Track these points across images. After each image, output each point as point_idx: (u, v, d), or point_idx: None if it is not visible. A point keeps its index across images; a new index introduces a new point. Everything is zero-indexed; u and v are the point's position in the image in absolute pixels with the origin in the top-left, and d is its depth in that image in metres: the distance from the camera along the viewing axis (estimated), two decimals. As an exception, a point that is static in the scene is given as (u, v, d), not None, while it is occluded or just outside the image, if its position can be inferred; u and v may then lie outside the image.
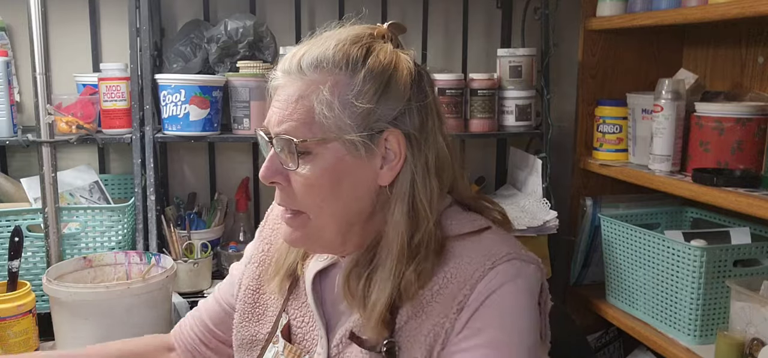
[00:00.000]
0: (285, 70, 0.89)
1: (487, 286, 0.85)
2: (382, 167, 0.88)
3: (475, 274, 0.85)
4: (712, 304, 1.53)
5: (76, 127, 1.68)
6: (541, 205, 1.85)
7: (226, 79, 1.76)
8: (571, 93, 2.04)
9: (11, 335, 1.41)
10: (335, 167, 0.87)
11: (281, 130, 0.87)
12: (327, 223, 0.89)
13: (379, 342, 0.88)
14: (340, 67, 0.87)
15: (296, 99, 0.87)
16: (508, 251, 0.88)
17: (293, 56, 0.89)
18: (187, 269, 1.74)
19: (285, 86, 0.89)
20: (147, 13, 1.69)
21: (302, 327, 1.00)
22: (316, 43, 0.90)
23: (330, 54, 0.87)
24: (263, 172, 0.89)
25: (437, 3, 2.07)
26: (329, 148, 0.86)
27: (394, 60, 0.90)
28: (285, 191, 0.90)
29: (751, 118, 1.52)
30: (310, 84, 0.86)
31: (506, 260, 0.86)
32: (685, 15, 1.57)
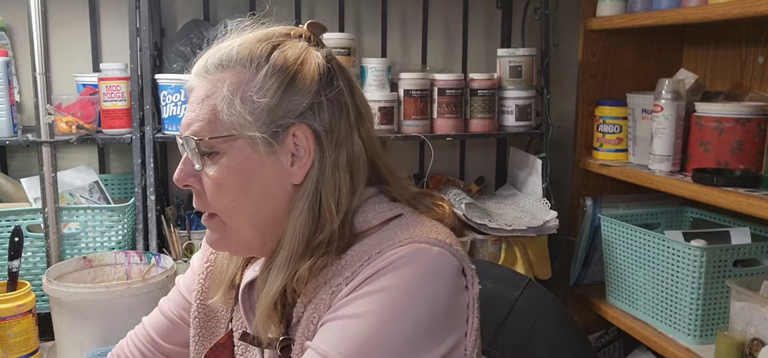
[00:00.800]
0: (195, 73, 0.89)
1: (371, 267, 0.81)
2: (292, 165, 0.86)
3: (362, 258, 0.83)
4: (712, 304, 1.53)
5: (76, 127, 1.68)
6: (541, 205, 1.86)
7: (226, 79, 1.76)
8: (571, 93, 2.04)
9: (11, 335, 1.41)
10: (243, 166, 0.85)
11: (189, 131, 0.86)
12: (241, 223, 0.88)
13: (275, 340, 0.88)
14: (244, 65, 0.86)
15: (202, 99, 0.86)
16: (408, 236, 0.84)
17: (201, 59, 0.89)
18: (187, 269, 1.74)
19: (194, 88, 0.89)
20: (147, 13, 1.69)
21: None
22: (224, 43, 0.90)
23: (234, 52, 0.87)
24: (176, 175, 0.89)
25: (437, 3, 2.07)
26: (235, 147, 0.85)
27: (302, 56, 0.88)
28: (198, 194, 0.89)
29: (751, 118, 1.52)
30: (214, 83, 0.86)
31: (398, 244, 0.83)
32: (685, 15, 1.57)
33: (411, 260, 0.81)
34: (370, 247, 0.84)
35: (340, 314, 0.80)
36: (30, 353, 1.43)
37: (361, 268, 0.82)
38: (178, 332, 1.08)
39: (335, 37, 1.82)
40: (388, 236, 0.84)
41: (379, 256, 0.82)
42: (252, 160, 0.85)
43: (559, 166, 2.01)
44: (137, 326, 1.14)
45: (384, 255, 0.81)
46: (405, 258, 0.80)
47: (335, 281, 0.83)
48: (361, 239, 0.86)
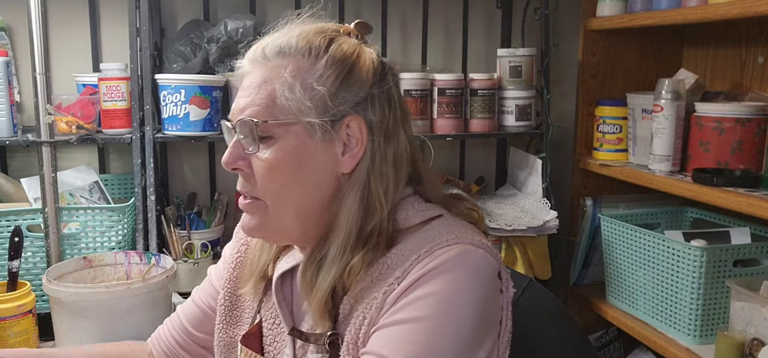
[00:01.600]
0: (250, 59, 0.91)
1: (421, 269, 0.83)
2: (344, 154, 0.89)
3: (411, 257, 0.85)
4: (712, 304, 1.53)
5: (76, 127, 1.68)
6: (541, 205, 1.86)
7: (226, 79, 1.76)
8: (571, 93, 2.04)
9: (11, 335, 1.41)
10: (296, 151, 0.87)
11: (244, 115, 0.88)
12: (286, 210, 0.89)
13: (322, 336, 0.89)
14: (303, 54, 0.88)
15: (259, 84, 0.88)
16: (453, 237, 0.86)
17: (258, 46, 0.91)
18: (187, 269, 1.74)
19: (249, 74, 0.91)
20: (147, 13, 1.69)
21: (272, 329, 1.00)
22: (281, 33, 0.92)
23: (293, 42, 0.89)
24: (225, 158, 0.90)
25: (437, 3, 2.07)
26: (291, 132, 0.87)
27: (357, 50, 0.91)
28: (246, 178, 0.91)
29: (751, 118, 1.52)
30: (272, 69, 0.88)
31: (445, 244, 0.85)
32: (685, 15, 1.57)
33: (460, 262, 0.83)
34: (416, 245, 0.86)
35: (398, 319, 0.82)
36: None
37: (411, 267, 0.83)
38: (208, 322, 1.09)
39: (335, 37, 1.82)
40: (434, 235, 0.86)
41: (429, 255, 0.83)
42: (306, 147, 0.87)
43: (559, 166, 2.01)
44: (171, 316, 1.16)
45: (434, 255, 0.83)
46: (455, 260, 0.83)
47: (386, 280, 0.85)
48: (405, 236, 0.88)
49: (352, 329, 0.86)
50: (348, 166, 0.89)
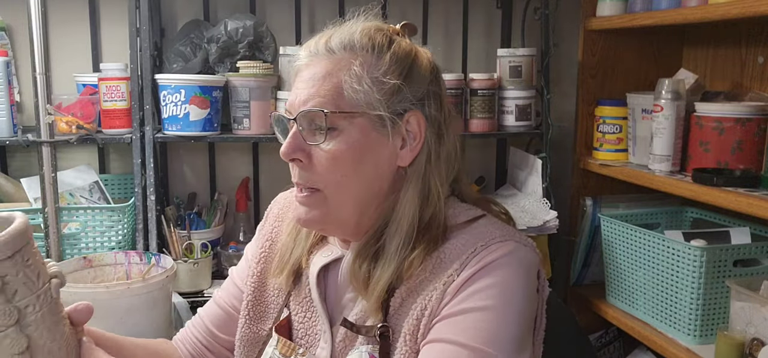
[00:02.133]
0: (310, 52, 0.92)
1: (478, 261, 0.86)
2: (402, 148, 0.91)
3: (467, 250, 0.88)
4: (712, 304, 1.53)
5: (76, 127, 1.68)
6: (541, 205, 1.86)
7: (226, 79, 1.76)
8: (571, 93, 2.04)
9: (11, 335, 1.40)
10: (360, 143, 0.89)
11: (308, 106, 0.89)
12: (345, 201, 0.91)
13: (373, 327, 0.90)
14: (366, 49, 0.91)
15: (323, 76, 0.90)
16: (502, 234, 0.90)
17: (319, 39, 0.93)
18: (187, 269, 1.74)
19: (310, 66, 0.91)
20: (147, 13, 1.69)
21: (304, 323, 1.00)
22: (341, 28, 0.94)
23: (357, 37, 0.92)
24: (285, 149, 0.91)
25: (437, 3, 2.07)
26: (355, 124, 0.89)
27: (414, 49, 0.95)
28: (305, 168, 0.91)
29: (751, 118, 1.52)
30: (338, 62, 0.90)
31: (500, 240, 0.88)
32: (685, 15, 1.57)
33: (514, 258, 0.87)
34: (469, 240, 0.89)
35: (465, 308, 0.84)
36: None
37: (469, 259, 0.87)
38: (233, 323, 1.09)
39: (335, 37, 1.82)
40: (485, 232, 0.90)
41: (485, 249, 0.87)
42: (369, 139, 0.90)
43: (559, 166, 2.01)
44: (194, 319, 1.16)
45: (490, 249, 0.87)
46: (510, 255, 0.87)
47: (444, 272, 0.87)
48: (455, 232, 0.91)
49: (409, 320, 0.88)
50: (406, 160, 0.92)
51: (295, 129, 0.90)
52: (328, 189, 0.90)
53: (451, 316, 0.85)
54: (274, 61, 1.84)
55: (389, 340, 0.90)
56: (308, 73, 0.91)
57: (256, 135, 1.78)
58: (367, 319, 0.92)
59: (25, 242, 0.74)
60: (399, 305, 0.90)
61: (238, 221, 1.98)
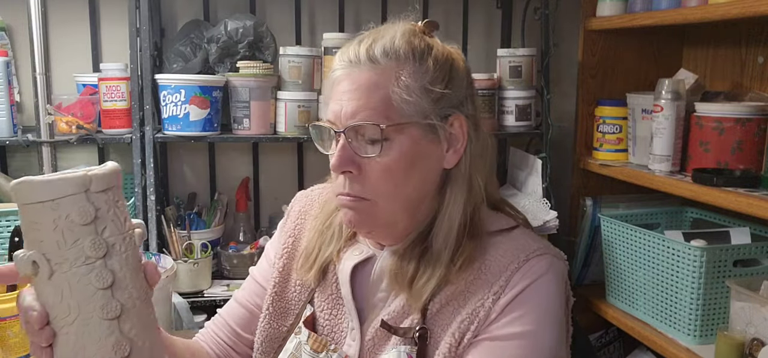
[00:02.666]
0: (351, 61, 0.91)
1: (522, 277, 0.89)
2: (448, 151, 0.93)
3: (511, 265, 0.90)
4: (712, 304, 1.53)
5: (76, 127, 1.68)
6: (541, 205, 1.85)
7: (226, 79, 1.76)
8: (571, 93, 2.04)
9: (11, 335, 1.40)
10: (411, 151, 0.90)
11: (359, 118, 0.88)
12: (395, 207, 0.92)
13: (411, 329, 0.91)
14: (408, 57, 0.91)
15: (369, 87, 0.89)
16: (539, 246, 0.93)
17: (358, 47, 0.92)
18: (187, 269, 1.74)
19: (352, 75, 0.90)
20: (147, 13, 1.69)
21: (330, 320, 1.00)
22: (377, 35, 0.93)
23: (397, 44, 0.91)
24: (337, 162, 0.90)
25: (437, 3, 2.07)
26: (405, 133, 0.89)
27: (450, 52, 0.96)
28: (356, 180, 0.91)
29: (751, 118, 1.52)
30: (382, 72, 0.90)
31: (538, 254, 0.91)
32: (685, 15, 1.57)
33: (554, 272, 0.91)
34: (509, 252, 0.91)
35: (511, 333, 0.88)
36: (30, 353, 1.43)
37: (513, 275, 0.89)
38: (257, 321, 1.10)
39: (335, 37, 1.82)
40: (523, 244, 0.93)
41: (526, 263, 0.90)
42: (419, 146, 0.91)
43: (559, 166, 2.01)
44: (215, 319, 1.16)
45: (530, 263, 0.90)
46: (550, 270, 0.90)
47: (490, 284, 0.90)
48: (493, 242, 0.94)
49: (454, 326, 0.89)
50: (452, 162, 0.94)
51: (344, 141, 0.90)
52: (380, 198, 0.91)
53: (497, 339, 0.88)
54: (274, 61, 1.84)
55: (427, 342, 0.90)
56: (350, 83, 0.90)
57: (256, 135, 1.78)
58: (401, 320, 0.93)
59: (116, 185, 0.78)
60: (437, 310, 0.91)
61: (238, 221, 1.98)
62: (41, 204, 0.73)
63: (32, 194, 0.73)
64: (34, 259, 0.73)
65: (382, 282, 0.97)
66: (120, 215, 0.76)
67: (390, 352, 0.92)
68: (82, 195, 0.74)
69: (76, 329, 0.74)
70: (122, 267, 0.75)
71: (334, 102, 0.91)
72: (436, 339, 0.90)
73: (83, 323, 0.73)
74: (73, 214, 0.73)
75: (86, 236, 0.73)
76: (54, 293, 0.74)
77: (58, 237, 0.72)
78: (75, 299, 0.73)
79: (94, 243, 0.73)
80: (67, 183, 0.73)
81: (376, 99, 0.88)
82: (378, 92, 0.89)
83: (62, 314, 0.74)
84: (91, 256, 0.73)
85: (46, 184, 0.72)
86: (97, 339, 0.73)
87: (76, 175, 0.74)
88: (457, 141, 0.93)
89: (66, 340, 0.74)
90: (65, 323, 0.74)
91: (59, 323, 0.74)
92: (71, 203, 0.73)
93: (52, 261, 0.73)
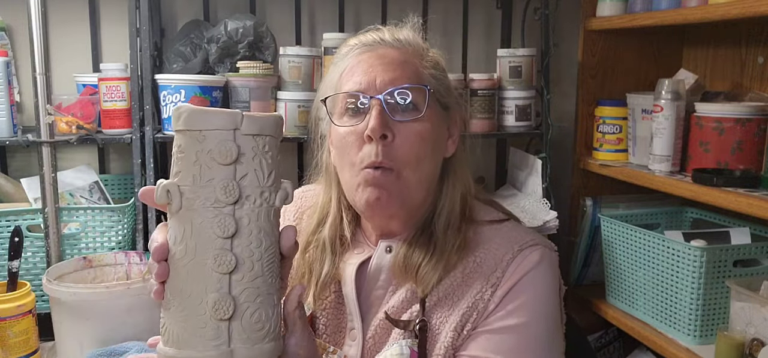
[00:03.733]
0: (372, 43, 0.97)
1: (517, 267, 0.93)
2: (448, 139, 1.00)
3: (505, 257, 0.94)
4: (712, 304, 1.53)
5: (76, 127, 1.68)
6: (541, 205, 1.85)
7: (226, 80, 1.76)
8: (571, 93, 2.04)
9: (11, 335, 1.41)
10: (434, 126, 0.96)
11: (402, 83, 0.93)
12: (418, 181, 0.95)
13: (411, 322, 0.94)
14: (424, 47, 1.00)
15: (401, 62, 0.95)
16: (531, 237, 0.97)
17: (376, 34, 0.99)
18: (187, 269, 1.74)
19: (377, 52, 0.95)
20: (147, 13, 1.69)
21: (331, 321, 1.01)
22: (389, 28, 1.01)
23: (410, 37, 1.00)
24: (375, 124, 0.91)
25: (437, 3, 2.07)
26: (431, 107, 0.95)
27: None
28: (388, 146, 0.92)
29: (751, 119, 1.52)
30: (409, 52, 0.97)
31: (531, 244, 0.96)
32: (685, 15, 1.57)
33: (547, 262, 0.96)
34: (503, 244, 0.96)
35: (508, 325, 0.92)
36: (30, 353, 1.43)
37: (508, 266, 0.94)
38: None
39: (335, 37, 1.82)
40: (514, 235, 0.97)
41: (520, 254, 0.95)
42: (439, 123, 0.97)
43: (559, 166, 2.01)
44: None
45: (524, 254, 0.95)
46: (543, 260, 0.95)
47: (486, 275, 0.94)
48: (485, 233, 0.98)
49: (447, 322, 0.93)
50: (450, 151, 1.00)
51: (380, 107, 0.91)
52: (404, 168, 0.93)
53: (495, 332, 0.92)
54: (274, 61, 1.84)
55: (427, 334, 0.93)
56: (379, 58, 0.94)
57: (256, 135, 1.78)
58: (401, 313, 0.96)
59: (271, 136, 0.73)
60: (435, 303, 0.95)
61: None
62: (190, 132, 0.70)
63: (185, 120, 0.70)
64: (169, 188, 0.71)
65: (380, 277, 0.99)
66: (265, 167, 0.72)
67: (392, 346, 0.94)
68: (229, 132, 0.70)
69: (187, 272, 0.70)
70: (250, 222, 0.70)
71: (362, 74, 0.93)
72: (435, 332, 0.93)
73: (194, 268, 0.70)
74: (215, 150, 0.69)
75: (221, 177, 0.69)
76: (177, 229, 0.71)
77: (195, 171, 0.70)
78: (194, 241, 0.70)
79: (226, 187, 0.69)
80: (218, 116, 0.70)
81: (409, 71, 0.94)
82: (409, 66, 0.95)
83: (179, 253, 0.71)
84: (221, 200, 0.69)
85: (199, 113, 0.70)
86: (202, 289, 0.69)
87: (228, 111, 0.71)
88: (455, 131, 1.00)
89: (175, 280, 0.71)
90: (180, 263, 0.71)
91: (175, 261, 0.71)
92: (216, 138, 0.69)
93: (184, 195, 0.70)
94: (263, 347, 0.72)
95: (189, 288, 0.70)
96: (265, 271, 0.72)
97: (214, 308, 0.69)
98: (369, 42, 0.97)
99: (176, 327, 0.70)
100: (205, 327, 0.69)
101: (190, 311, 0.69)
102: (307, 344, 0.81)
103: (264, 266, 0.72)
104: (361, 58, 0.95)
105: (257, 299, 0.71)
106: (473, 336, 0.92)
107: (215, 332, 0.69)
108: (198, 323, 0.69)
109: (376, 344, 0.96)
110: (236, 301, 0.70)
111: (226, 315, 0.69)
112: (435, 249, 0.95)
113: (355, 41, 0.99)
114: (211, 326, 0.69)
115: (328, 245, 1.01)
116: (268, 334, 0.72)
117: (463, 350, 0.93)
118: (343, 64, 0.97)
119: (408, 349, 0.93)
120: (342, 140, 0.95)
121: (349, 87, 0.94)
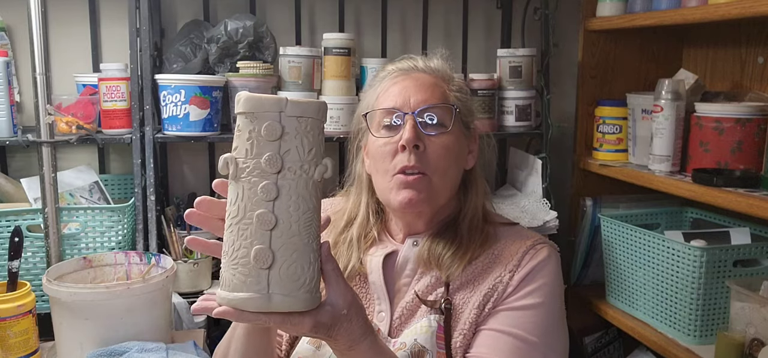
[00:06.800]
0: (408, 69, 1.16)
1: (531, 258, 1.09)
2: (469, 154, 1.16)
3: (520, 249, 1.10)
4: (712, 304, 1.53)
5: (76, 127, 1.68)
6: (541, 205, 1.85)
7: (226, 80, 1.76)
8: (571, 93, 2.04)
9: (11, 335, 1.40)
10: (458, 141, 1.12)
11: (432, 103, 1.10)
12: (444, 185, 1.11)
13: (438, 301, 1.09)
14: (451, 74, 1.18)
15: (432, 85, 1.12)
16: (540, 237, 1.14)
17: (409, 61, 1.17)
18: (187, 269, 1.74)
19: (412, 76, 1.13)
20: (147, 13, 1.69)
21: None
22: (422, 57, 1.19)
23: (440, 64, 1.18)
24: (409, 136, 1.07)
25: (437, 3, 2.07)
26: (455, 125, 1.11)
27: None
28: (420, 155, 1.08)
29: (751, 119, 1.52)
30: (439, 78, 1.15)
31: (540, 243, 1.12)
32: (685, 15, 1.57)
33: (554, 258, 1.12)
34: (517, 241, 1.12)
35: (526, 304, 1.07)
36: (30, 353, 1.43)
37: (524, 256, 1.09)
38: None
39: (335, 37, 1.82)
40: (526, 234, 1.15)
41: (533, 248, 1.11)
42: (461, 138, 1.14)
43: (559, 166, 2.01)
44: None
45: (536, 248, 1.11)
46: (550, 257, 1.11)
47: (501, 266, 1.09)
48: (500, 231, 1.15)
49: (467, 305, 1.08)
50: (470, 163, 1.17)
51: (413, 122, 1.08)
52: (436, 175, 1.09)
53: (514, 309, 1.06)
54: (274, 61, 1.84)
55: (451, 312, 1.08)
56: (414, 82, 1.12)
57: (256, 135, 1.78)
58: (427, 295, 1.10)
59: (313, 118, 0.85)
60: (458, 286, 1.10)
61: (238, 221, 1.98)
62: (245, 115, 0.84)
63: (242, 104, 0.84)
64: (227, 160, 0.85)
65: (406, 268, 1.14)
66: (306, 144, 0.84)
67: (421, 320, 1.08)
68: (276, 114, 0.83)
69: (238, 228, 0.84)
70: (290, 189, 0.83)
71: (397, 96, 1.11)
72: (459, 310, 1.08)
73: (244, 226, 0.84)
74: (263, 128, 0.83)
75: (268, 151, 0.83)
76: (232, 193, 0.86)
77: (247, 146, 0.84)
78: (244, 203, 0.84)
79: (271, 158, 0.83)
80: (267, 101, 0.84)
81: (438, 94, 1.11)
82: (438, 90, 1.12)
83: (232, 213, 0.85)
84: (266, 170, 0.83)
85: (252, 99, 0.84)
86: (249, 243, 0.83)
87: (275, 96, 0.85)
88: (474, 147, 1.17)
89: (229, 236, 0.86)
90: (232, 222, 0.85)
91: (229, 221, 0.86)
92: (265, 119, 0.83)
93: (239, 165, 0.85)
94: (298, 295, 0.85)
95: (239, 241, 0.84)
96: (302, 231, 0.85)
97: (256, 257, 0.83)
98: (405, 68, 1.16)
99: (228, 273, 0.85)
100: (250, 274, 0.83)
101: (239, 260, 0.84)
102: (344, 292, 0.91)
103: (301, 227, 0.85)
104: (396, 81, 1.13)
105: (293, 254, 0.84)
106: (493, 313, 1.07)
107: (257, 278, 0.83)
108: (244, 271, 0.84)
109: (403, 323, 1.10)
110: (275, 254, 0.83)
111: (266, 264, 0.83)
112: (460, 244, 1.11)
113: (392, 67, 1.17)
114: (254, 274, 0.83)
115: (355, 241, 1.17)
116: (303, 285, 0.85)
117: (484, 325, 1.07)
118: (381, 86, 1.15)
119: (436, 323, 1.07)
120: (378, 150, 1.11)
121: (386, 104, 1.11)
